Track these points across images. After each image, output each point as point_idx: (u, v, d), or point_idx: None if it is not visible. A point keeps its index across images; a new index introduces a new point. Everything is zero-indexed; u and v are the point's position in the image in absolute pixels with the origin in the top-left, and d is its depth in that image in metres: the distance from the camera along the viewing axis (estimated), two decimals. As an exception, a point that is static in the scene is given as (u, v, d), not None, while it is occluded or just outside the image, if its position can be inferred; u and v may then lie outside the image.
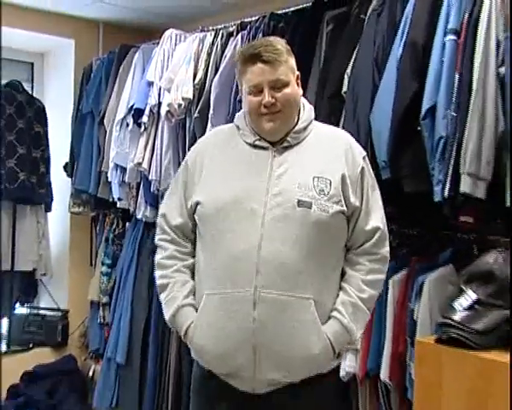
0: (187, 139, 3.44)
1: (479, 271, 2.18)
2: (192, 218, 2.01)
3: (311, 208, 1.85)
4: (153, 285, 3.77)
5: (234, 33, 3.36)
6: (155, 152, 3.56)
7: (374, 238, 1.94)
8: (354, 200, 1.91)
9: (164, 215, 2.08)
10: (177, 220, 2.03)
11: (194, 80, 3.37)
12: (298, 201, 1.85)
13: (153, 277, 3.70)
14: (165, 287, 2.02)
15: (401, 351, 2.54)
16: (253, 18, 3.28)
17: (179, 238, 2.04)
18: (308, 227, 1.85)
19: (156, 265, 2.08)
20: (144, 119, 3.62)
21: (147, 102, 3.61)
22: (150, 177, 3.57)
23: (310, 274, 1.86)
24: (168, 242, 2.05)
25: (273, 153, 1.94)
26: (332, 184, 1.88)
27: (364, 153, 2.03)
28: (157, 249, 2.10)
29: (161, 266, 2.05)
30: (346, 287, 1.92)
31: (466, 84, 2.28)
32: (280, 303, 1.83)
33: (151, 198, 3.71)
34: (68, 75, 4.64)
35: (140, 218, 3.86)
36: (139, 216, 3.84)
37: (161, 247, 2.08)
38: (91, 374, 4.39)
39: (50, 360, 4.45)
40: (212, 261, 1.93)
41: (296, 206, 1.85)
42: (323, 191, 1.87)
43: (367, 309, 1.94)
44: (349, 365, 2.62)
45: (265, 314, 1.82)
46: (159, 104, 3.56)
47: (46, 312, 4.62)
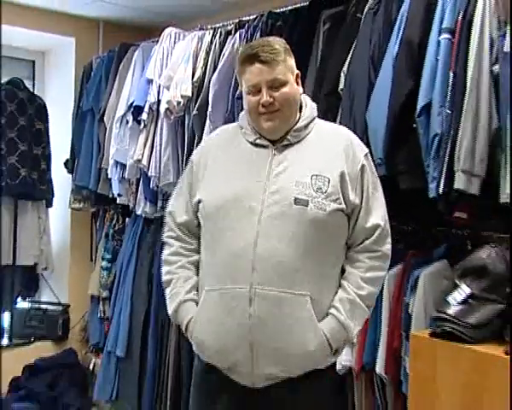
0: (186, 136, 3.44)
1: (472, 265, 2.19)
2: (197, 215, 2.03)
3: (308, 206, 1.83)
4: (152, 280, 3.80)
5: (232, 32, 3.35)
6: (155, 149, 3.56)
7: (374, 236, 1.92)
8: (354, 197, 1.89)
9: (170, 213, 2.11)
10: (183, 218, 2.06)
11: (192, 78, 3.37)
12: (295, 199, 1.84)
13: (152, 272, 3.78)
14: (169, 283, 2.04)
15: (396, 345, 2.53)
16: (251, 17, 3.28)
17: (184, 235, 2.06)
18: (305, 225, 1.84)
19: (162, 261, 2.11)
20: (144, 116, 3.61)
21: (146, 100, 3.60)
22: (149, 173, 3.56)
23: (306, 271, 1.84)
24: (174, 239, 2.08)
25: (273, 151, 1.93)
26: (330, 182, 1.86)
27: (366, 150, 2.00)
28: (164, 246, 2.13)
29: (167, 263, 2.08)
30: (345, 284, 1.91)
31: (460, 82, 2.28)
32: (276, 300, 1.82)
33: (150, 194, 3.71)
34: (69, 73, 4.63)
35: (139, 214, 3.86)
36: (139, 212, 3.84)
37: (167, 243, 2.11)
38: (92, 367, 4.39)
39: (51, 354, 4.45)
40: (213, 258, 1.95)
41: (293, 204, 1.84)
42: (321, 189, 1.85)
43: (365, 306, 1.91)
44: (345, 358, 2.62)
45: (261, 311, 1.82)
46: (158, 102, 3.56)
47: (47, 306, 4.62)
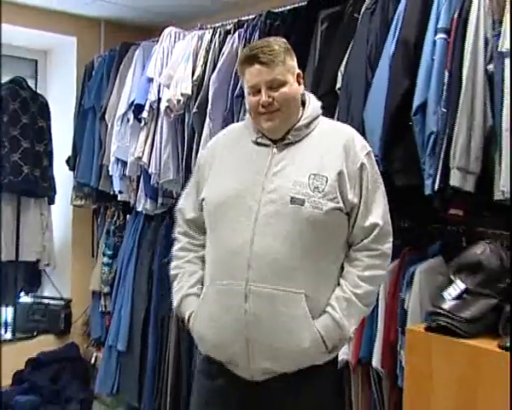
0: (186, 134, 3.44)
1: (467, 261, 2.19)
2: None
3: (304, 205, 1.82)
4: (152, 276, 3.80)
5: (231, 31, 3.34)
6: (155, 146, 3.56)
7: (372, 235, 1.89)
8: (352, 196, 1.87)
9: (180, 210, 2.15)
10: (191, 214, 2.09)
11: (192, 77, 3.37)
12: (291, 198, 1.83)
13: (152, 267, 3.78)
14: (175, 277, 2.07)
15: (392, 339, 2.54)
16: (250, 16, 3.27)
17: (192, 231, 2.09)
18: (301, 224, 1.82)
19: (172, 256, 2.14)
20: (144, 114, 3.61)
21: (147, 98, 3.60)
22: (150, 170, 3.56)
23: (302, 269, 1.83)
24: (182, 234, 2.12)
25: (274, 150, 1.93)
26: (328, 181, 1.84)
27: (368, 149, 1.96)
28: (174, 242, 2.16)
29: (175, 258, 2.11)
30: (342, 283, 1.89)
31: (455, 81, 2.28)
32: (270, 297, 1.82)
33: (151, 191, 3.71)
34: (71, 72, 4.63)
35: (140, 210, 3.86)
36: (139, 208, 3.84)
37: (177, 239, 2.14)
38: (93, 361, 4.39)
39: (54, 348, 4.46)
40: (213, 254, 1.97)
41: (289, 203, 1.83)
42: (318, 188, 1.83)
43: (362, 305, 1.88)
44: (342, 352, 2.61)
45: (256, 307, 1.82)
46: (158, 100, 3.55)
47: (49, 301, 4.63)
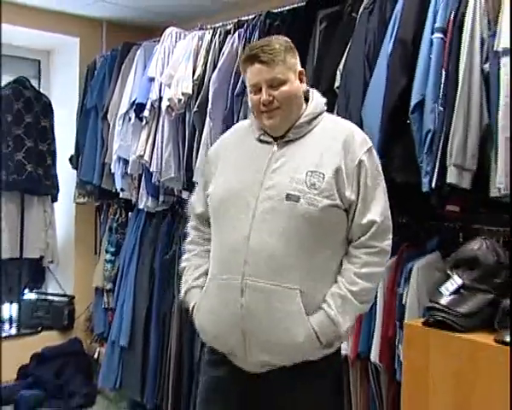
0: (186, 133, 3.43)
1: (464, 257, 2.18)
2: None
3: (299, 202, 1.81)
4: (154, 272, 3.80)
5: (231, 31, 3.34)
6: (156, 145, 3.56)
7: (370, 232, 1.87)
8: (350, 193, 1.85)
9: (190, 204, 2.18)
10: (200, 209, 2.11)
11: (193, 76, 3.36)
12: (287, 194, 1.83)
13: (154, 264, 3.78)
14: (183, 270, 2.10)
15: (390, 334, 2.53)
16: (250, 16, 3.27)
17: (201, 225, 2.11)
18: (296, 220, 1.82)
19: (183, 250, 2.17)
20: (146, 113, 3.60)
21: (148, 97, 3.60)
22: (151, 169, 3.56)
23: (298, 266, 1.83)
24: (192, 228, 2.15)
25: (274, 147, 1.93)
26: (325, 178, 1.83)
27: (369, 145, 1.93)
28: (186, 235, 2.19)
29: (185, 251, 2.14)
30: (339, 279, 1.87)
31: (452, 79, 2.28)
32: (265, 292, 1.82)
33: (152, 189, 3.72)
34: (73, 72, 4.63)
35: (142, 208, 3.86)
36: (141, 206, 3.84)
37: (188, 233, 2.17)
38: (96, 356, 4.39)
39: (57, 343, 4.46)
40: (215, 249, 1.98)
41: (284, 199, 1.83)
42: (315, 185, 1.83)
43: (358, 302, 1.86)
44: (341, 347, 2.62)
45: (251, 302, 1.83)
46: (159, 99, 3.55)
47: (53, 297, 4.64)
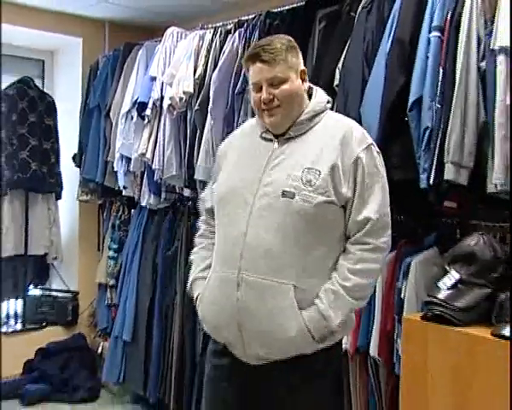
0: (188, 131, 3.43)
1: (461, 252, 2.18)
2: None
3: (294, 199, 1.81)
4: (156, 268, 3.80)
5: (232, 31, 3.33)
6: (158, 143, 3.55)
7: (364, 229, 1.85)
8: (346, 190, 1.84)
9: (201, 199, 2.21)
10: (209, 204, 2.13)
11: (194, 75, 3.36)
12: (282, 191, 1.83)
13: (156, 260, 3.78)
14: (191, 261, 2.13)
15: (389, 328, 2.53)
16: (250, 16, 3.26)
17: (210, 219, 2.12)
18: (292, 217, 1.82)
19: (194, 243, 2.19)
20: (148, 112, 3.60)
21: (150, 96, 3.60)
22: (153, 166, 3.56)
23: (293, 261, 1.82)
24: (202, 222, 2.17)
25: (275, 145, 1.93)
26: (321, 175, 1.83)
27: (368, 143, 1.90)
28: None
29: (195, 244, 2.16)
30: (333, 275, 1.86)
31: (449, 78, 2.28)
32: (260, 286, 1.82)
33: (154, 186, 3.71)
34: (76, 71, 4.63)
35: (144, 205, 3.86)
36: (143, 203, 3.84)
37: (198, 227, 2.19)
38: (100, 351, 4.40)
39: (62, 338, 4.47)
40: (217, 243, 2.00)
41: (280, 196, 1.83)
42: (310, 182, 1.82)
43: (350, 298, 1.83)
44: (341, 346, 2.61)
45: (247, 296, 1.83)
46: (161, 98, 3.55)
47: (57, 293, 4.64)
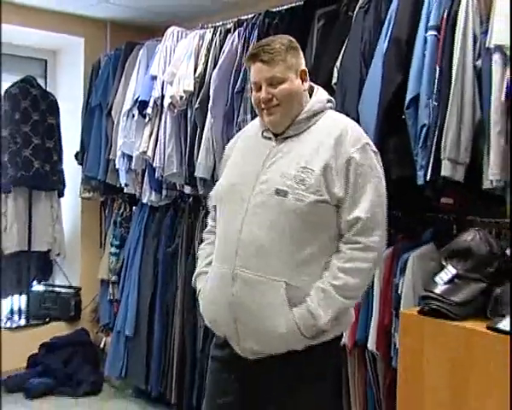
0: (188, 129, 3.43)
1: (458, 248, 2.18)
2: None
3: (287, 197, 1.81)
4: (157, 264, 3.80)
5: (231, 30, 3.33)
6: (159, 141, 3.55)
7: (355, 228, 1.83)
8: (338, 190, 1.83)
9: (209, 196, 2.18)
10: (214, 201, 2.12)
11: (194, 74, 3.36)
12: (276, 189, 1.83)
13: (157, 257, 3.78)
14: (198, 256, 2.14)
15: (387, 323, 2.54)
16: (250, 16, 3.26)
17: (215, 216, 2.11)
18: (284, 215, 1.82)
19: (203, 238, 2.19)
20: (149, 110, 3.60)
21: (151, 95, 3.60)
22: (154, 164, 3.56)
23: (285, 259, 1.82)
24: (210, 218, 2.17)
25: (273, 143, 1.93)
26: (314, 174, 1.82)
27: (362, 143, 1.87)
28: None
29: (203, 239, 2.16)
30: (324, 274, 1.85)
31: (446, 76, 2.28)
32: (252, 282, 1.83)
33: (155, 184, 3.71)
34: (78, 71, 4.62)
35: (145, 202, 3.86)
36: (144, 200, 3.84)
37: (206, 223, 2.19)
38: (102, 346, 4.40)
39: (65, 333, 4.47)
40: (217, 239, 2.01)
41: (274, 194, 1.83)
42: (303, 181, 1.82)
43: (340, 297, 1.81)
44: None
45: (241, 291, 1.84)
46: (162, 96, 3.54)
47: (60, 289, 4.64)
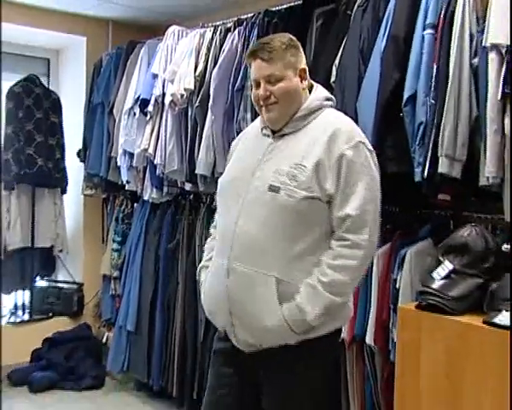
0: (189, 126, 3.42)
1: (455, 243, 2.18)
2: None
3: (279, 193, 1.81)
4: (158, 260, 3.80)
5: (231, 29, 3.32)
6: (160, 138, 3.55)
7: (344, 225, 1.82)
8: (329, 186, 1.82)
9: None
10: None
11: (195, 72, 3.35)
12: (269, 185, 1.83)
13: (159, 252, 3.78)
14: (204, 250, 2.14)
15: (385, 318, 2.53)
16: (249, 15, 3.25)
17: None
18: (276, 210, 1.82)
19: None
20: (150, 108, 3.60)
21: (152, 93, 3.59)
22: (155, 161, 3.55)
23: (277, 254, 1.82)
24: (216, 214, 2.15)
25: (270, 140, 1.94)
26: (306, 171, 1.82)
27: (356, 140, 1.85)
28: None
29: (210, 234, 2.16)
30: (314, 270, 1.84)
31: (443, 74, 2.27)
32: (245, 276, 1.84)
33: (156, 181, 3.71)
34: (81, 69, 4.62)
35: (147, 199, 3.86)
36: (146, 197, 3.84)
37: (214, 218, 2.18)
38: (105, 340, 4.40)
39: (68, 328, 4.48)
40: (217, 233, 2.03)
41: (267, 190, 1.84)
42: (296, 178, 1.81)
43: (327, 293, 1.79)
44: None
45: (235, 284, 1.86)
46: (163, 95, 3.54)
47: (63, 284, 4.65)
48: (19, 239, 4.32)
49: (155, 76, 3.59)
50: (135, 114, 3.74)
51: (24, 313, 4.50)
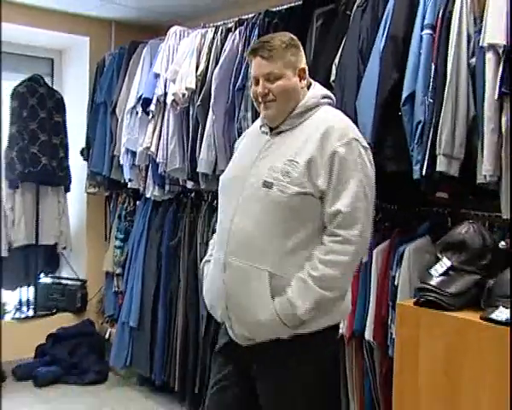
0: (190, 125, 3.42)
1: (452, 240, 2.18)
2: None
3: (272, 189, 1.82)
4: (161, 257, 3.80)
5: (232, 29, 3.31)
6: (162, 137, 3.54)
7: (336, 221, 1.80)
8: (321, 183, 1.81)
9: None
10: None
11: (196, 72, 3.34)
12: (263, 181, 1.84)
13: (161, 249, 3.77)
14: (209, 246, 2.15)
15: (383, 314, 2.53)
16: (250, 15, 3.25)
17: None
18: (270, 206, 1.82)
19: None
20: (152, 107, 3.59)
21: (154, 93, 3.58)
22: (158, 160, 3.55)
23: (270, 249, 1.82)
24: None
25: (267, 137, 1.94)
26: (298, 167, 1.82)
27: (350, 137, 1.84)
28: None
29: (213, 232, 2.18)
30: (305, 264, 1.83)
31: (441, 73, 2.27)
32: (240, 270, 1.85)
33: (159, 179, 3.71)
34: (84, 69, 4.62)
35: (149, 197, 3.86)
36: (148, 195, 3.84)
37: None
38: (108, 336, 4.41)
39: (71, 324, 4.48)
40: (217, 229, 2.03)
41: (261, 186, 1.84)
42: (288, 174, 1.81)
43: (318, 288, 1.78)
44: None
45: (230, 278, 1.87)
46: (165, 94, 3.53)
47: (67, 281, 4.66)
48: (23, 236, 4.32)
49: (157, 76, 3.59)
50: (137, 114, 3.74)
51: (28, 309, 4.50)
